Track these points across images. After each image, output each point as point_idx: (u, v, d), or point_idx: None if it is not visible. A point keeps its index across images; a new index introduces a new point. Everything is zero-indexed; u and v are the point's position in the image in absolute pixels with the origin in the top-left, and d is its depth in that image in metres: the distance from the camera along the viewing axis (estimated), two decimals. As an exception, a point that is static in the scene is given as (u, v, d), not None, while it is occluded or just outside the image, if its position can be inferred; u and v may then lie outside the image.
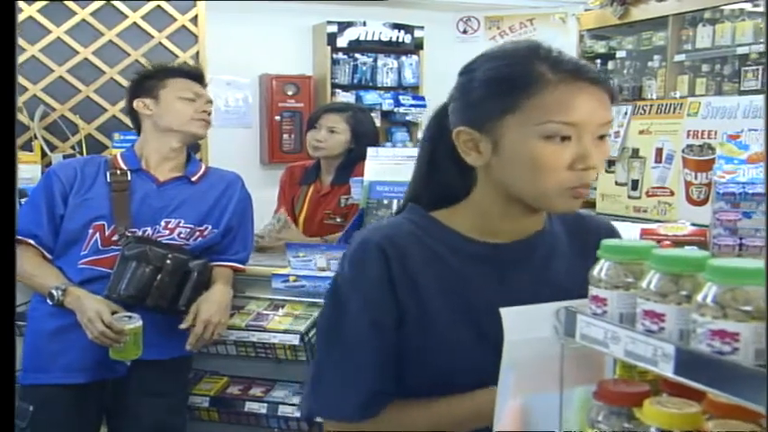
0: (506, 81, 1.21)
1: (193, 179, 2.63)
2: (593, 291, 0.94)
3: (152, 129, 2.61)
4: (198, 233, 2.59)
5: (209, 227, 2.61)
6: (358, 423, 1.26)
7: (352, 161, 3.36)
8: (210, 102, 2.69)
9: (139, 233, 2.50)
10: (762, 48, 4.67)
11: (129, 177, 2.55)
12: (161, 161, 2.61)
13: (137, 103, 2.61)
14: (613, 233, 1.41)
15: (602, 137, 1.21)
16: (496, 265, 1.28)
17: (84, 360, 2.45)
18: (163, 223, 2.54)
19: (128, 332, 2.38)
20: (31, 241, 2.47)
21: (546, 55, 1.21)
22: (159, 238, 2.52)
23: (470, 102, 1.25)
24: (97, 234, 2.48)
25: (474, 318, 1.24)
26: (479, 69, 1.25)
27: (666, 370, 0.80)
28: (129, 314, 2.42)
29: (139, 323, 2.41)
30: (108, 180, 2.54)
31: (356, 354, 1.26)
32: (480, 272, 1.28)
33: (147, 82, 2.63)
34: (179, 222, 2.56)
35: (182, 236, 2.56)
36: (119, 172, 2.55)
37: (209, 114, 2.67)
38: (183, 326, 2.52)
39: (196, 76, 2.69)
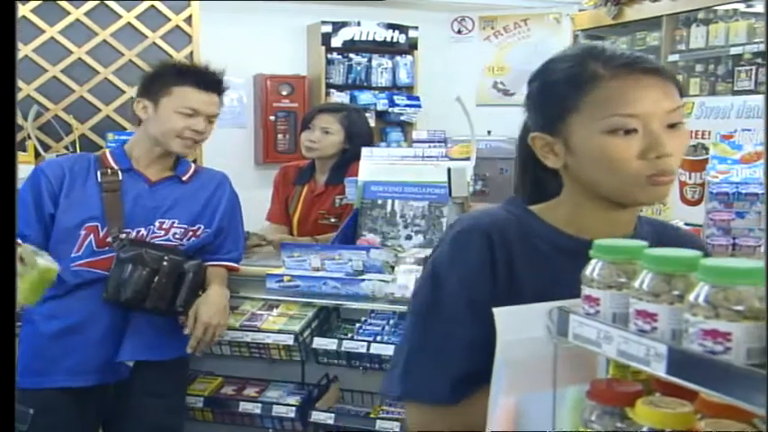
0: (564, 83, 1.25)
1: (184, 178, 2.62)
2: (585, 290, 0.94)
3: (144, 132, 2.58)
4: (191, 233, 2.58)
5: (202, 227, 2.60)
6: (446, 407, 1.25)
7: (346, 161, 3.36)
8: (211, 116, 2.57)
9: (133, 234, 2.49)
10: (755, 48, 4.68)
11: (120, 177, 2.53)
12: (151, 163, 2.59)
13: (137, 104, 2.57)
14: (701, 247, 1.41)
15: (674, 125, 1.23)
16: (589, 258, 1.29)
17: (87, 363, 2.44)
18: (157, 224, 2.53)
19: (35, 265, 2.21)
20: (20, 241, 2.45)
21: (598, 53, 1.25)
22: (154, 239, 2.52)
23: (537, 108, 1.31)
24: (91, 236, 2.47)
25: None
26: (541, 76, 1.31)
27: (659, 370, 0.80)
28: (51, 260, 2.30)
29: (54, 266, 2.26)
30: (99, 180, 2.52)
31: (453, 332, 1.26)
32: (576, 267, 1.27)
33: (156, 81, 2.55)
34: (173, 223, 2.55)
35: (176, 236, 2.56)
36: (110, 171, 2.53)
37: (202, 133, 2.54)
38: (186, 331, 2.52)
39: (209, 84, 2.56)
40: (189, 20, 4.92)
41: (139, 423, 2.54)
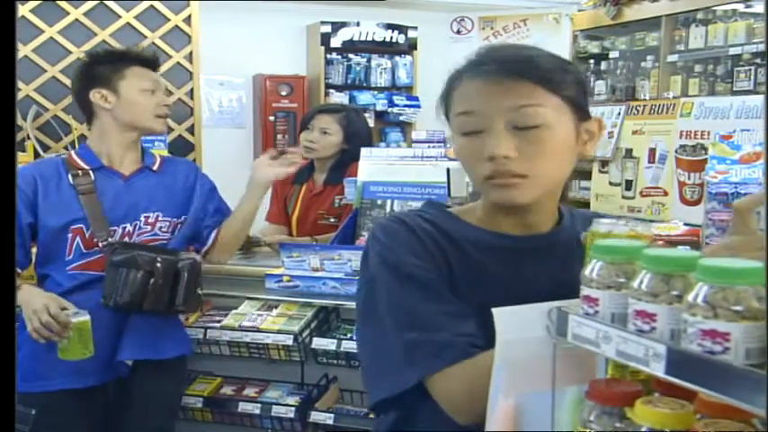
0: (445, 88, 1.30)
1: (154, 168, 2.59)
2: (584, 291, 0.94)
3: (112, 123, 2.51)
4: (180, 226, 2.58)
5: (185, 216, 2.59)
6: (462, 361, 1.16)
7: (345, 162, 3.36)
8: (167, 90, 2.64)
9: (119, 230, 2.47)
10: (754, 48, 4.68)
11: (93, 177, 2.48)
12: (123, 155, 2.54)
13: (93, 95, 2.49)
14: None
15: (528, 127, 1.18)
16: (514, 254, 1.28)
17: (87, 364, 2.42)
18: (143, 218, 2.51)
19: (72, 326, 2.29)
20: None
21: (475, 56, 1.26)
22: (142, 234, 2.50)
23: None
24: (78, 238, 2.44)
25: (492, 306, 1.08)
26: None
27: (658, 370, 0.80)
28: (77, 310, 2.33)
29: (85, 318, 2.32)
30: (71, 182, 2.46)
31: (431, 302, 1.20)
32: (497, 260, 1.27)
33: (102, 69, 2.51)
34: (158, 216, 2.53)
35: (163, 230, 2.54)
36: (80, 173, 2.48)
37: (168, 106, 2.60)
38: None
39: (153, 63, 2.58)
40: (188, 20, 4.91)
41: (137, 422, 2.53)
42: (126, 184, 2.53)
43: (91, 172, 2.49)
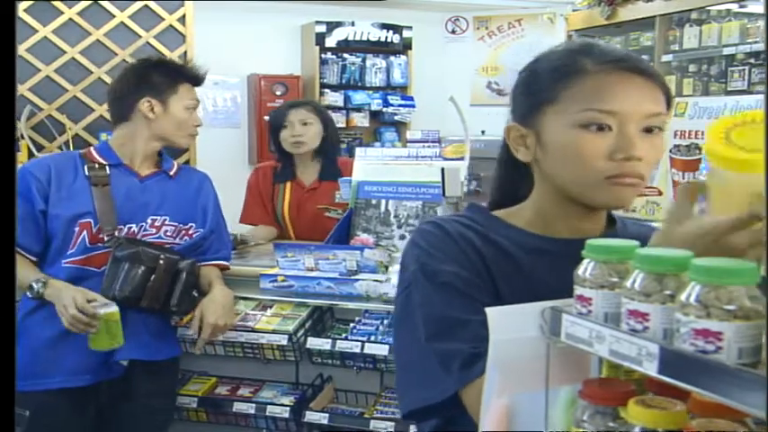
0: (547, 74, 1.23)
1: (171, 173, 2.62)
2: (577, 290, 0.94)
3: (145, 131, 2.52)
4: (183, 232, 2.58)
5: (194, 226, 2.60)
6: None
7: (328, 152, 3.45)
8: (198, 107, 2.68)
9: (125, 230, 2.48)
10: (748, 48, 4.70)
11: (108, 172, 2.50)
12: (144, 159, 2.57)
13: (143, 103, 2.49)
14: None
15: (651, 130, 1.20)
16: (560, 257, 1.21)
17: (84, 363, 2.42)
18: (149, 220, 2.52)
19: (100, 317, 2.32)
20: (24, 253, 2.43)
21: (590, 49, 1.23)
22: (146, 237, 2.51)
23: (516, 99, 1.29)
24: (84, 232, 2.44)
25: None
26: (528, 68, 1.28)
27: (651, 369, 0.80)
28: (105, 302, 2.36)
29: (113, 309, 2.35)
30: (87, 174, 2.48)
31: (464, 309, 1.19)
32: (544, 263, 1.25)
33: (156, 79, 2.52)
34: (164, 220, 2.54)
35: (167, 234, 2.55)
36: (97, 166, 2.49)
37: (199, 126, 2.67)
38: (190, 332, 2.55)
39: (201, 82, 2.63)
40: (182, 19, 4.91)
41: (130, 421, 2.53)
42: (141, 184, 2.55)
43: (107, 167, 2.50)
